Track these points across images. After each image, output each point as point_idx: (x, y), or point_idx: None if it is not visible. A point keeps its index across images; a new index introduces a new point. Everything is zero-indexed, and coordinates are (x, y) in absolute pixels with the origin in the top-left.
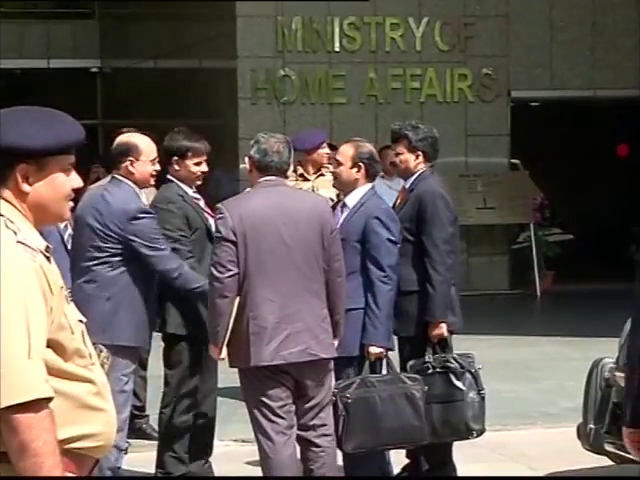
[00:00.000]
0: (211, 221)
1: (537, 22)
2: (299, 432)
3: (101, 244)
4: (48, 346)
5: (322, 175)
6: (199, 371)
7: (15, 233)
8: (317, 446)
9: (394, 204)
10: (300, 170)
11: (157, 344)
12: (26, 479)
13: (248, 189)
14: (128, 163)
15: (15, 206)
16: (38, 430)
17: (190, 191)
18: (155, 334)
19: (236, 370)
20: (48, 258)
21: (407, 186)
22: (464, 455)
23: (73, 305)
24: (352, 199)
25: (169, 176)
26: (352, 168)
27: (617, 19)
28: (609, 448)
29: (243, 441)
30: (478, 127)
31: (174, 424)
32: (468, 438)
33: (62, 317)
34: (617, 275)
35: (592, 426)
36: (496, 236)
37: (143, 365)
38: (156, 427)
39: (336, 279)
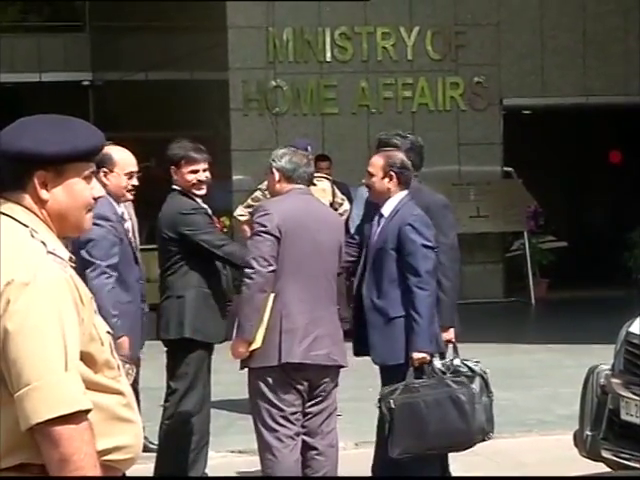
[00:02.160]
0: None
1: (528, 30)
2: (305, 437)
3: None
4: (80, 358)
5: (313, 184)
6: (203, 381)
7: (44, 244)
8: (322, 455)
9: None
10: None
11: (154, 355)
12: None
13: (277, 197)
14: (102, 174)
15: (37, 215)
16: (79, 443)
17: (199, 201)
18: (151, 345)
19: (233, 381)
20: (73, 268)
21: None
22: (461, 464)
23: (99, 316)
24: (387, 208)
25: (174, 186)
26: (384, 178)
27: (607, 27)
28: (606, 455)
29: (240, 452)
30: (470, 135)
31: (176, 435)
32: (484, 440)
33: (92, 328)
34: (611, 282)
35: (589, 433)
36: (490, 244)
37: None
38: (152, 439)
39: None
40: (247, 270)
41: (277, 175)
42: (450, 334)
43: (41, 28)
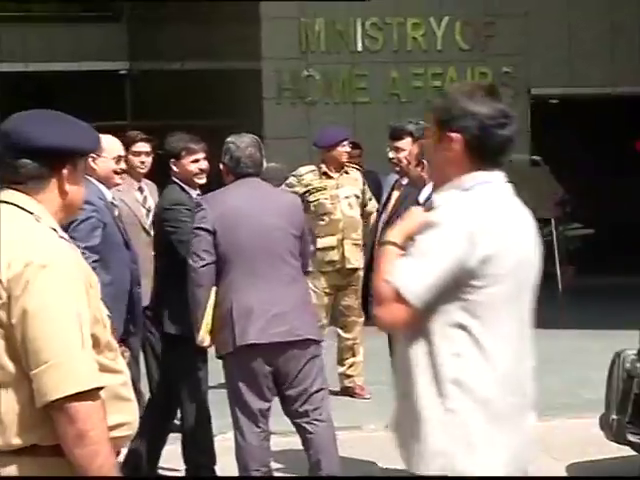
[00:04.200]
0: None
1: (555, 20)
2: (293, 419)
3: None
4: None
5: (346, 173)
6: (195, 369)
7: (55, 230)
8: (310, 432)
9: (388, 198)
10: (323, 168)
11: None
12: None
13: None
14: (90, 159)
15: (43, 203)
16: (95, 419)
17: (194, 193)
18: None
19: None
20: None
21: (405, 182)
22: None
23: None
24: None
25: (173, 178)
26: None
27: (634, 17)
28: (632, 438)
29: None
30: None
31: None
32: None
33: (97, 311)
34: (638, 269)
35: (615, 417)
36: None
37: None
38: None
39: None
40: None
41: (223, 170)
42: None
43: (80, 19)
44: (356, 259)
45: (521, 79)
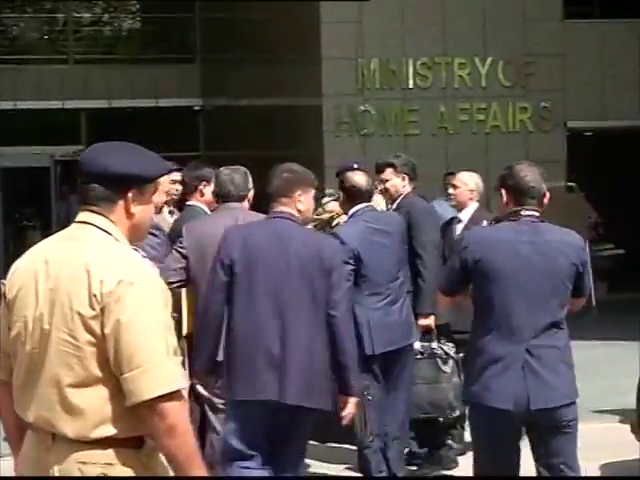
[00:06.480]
0: None
1: (590, 59)
2: None
3: None
4: None
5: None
6: None
7: (137, 250)
8: None
9: None
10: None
11: None
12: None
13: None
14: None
15: (117, 225)
16: (181, 414)
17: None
18: None
19: None
20: None
21: (394, 207)
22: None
23: None
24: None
25: (192, 202)
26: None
27: None
28: None
29: None
30: (538, 154)
31: None
32: (452, 415)
33: (170, 321)
34: None
35: None
36: None
37: None
38: None
39: None
40: None
41: (212, 195)
42: (429, 320)
43: (158, 60)
44: None
45: (558, 113)
